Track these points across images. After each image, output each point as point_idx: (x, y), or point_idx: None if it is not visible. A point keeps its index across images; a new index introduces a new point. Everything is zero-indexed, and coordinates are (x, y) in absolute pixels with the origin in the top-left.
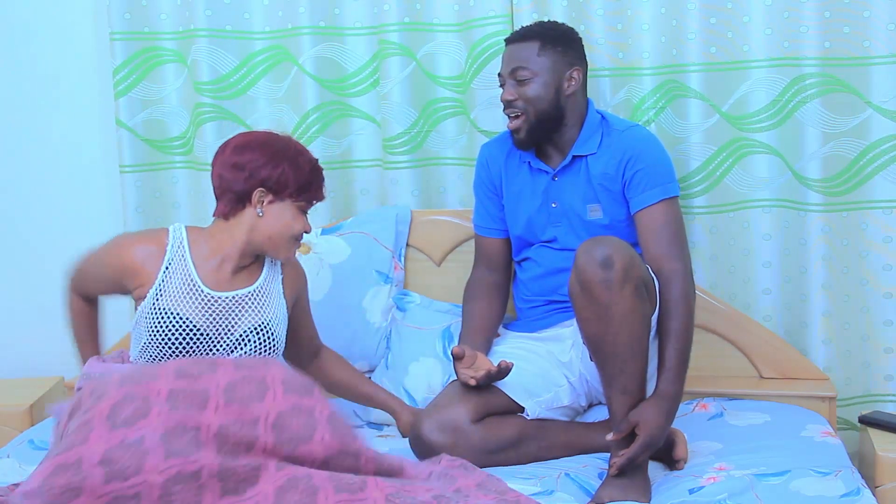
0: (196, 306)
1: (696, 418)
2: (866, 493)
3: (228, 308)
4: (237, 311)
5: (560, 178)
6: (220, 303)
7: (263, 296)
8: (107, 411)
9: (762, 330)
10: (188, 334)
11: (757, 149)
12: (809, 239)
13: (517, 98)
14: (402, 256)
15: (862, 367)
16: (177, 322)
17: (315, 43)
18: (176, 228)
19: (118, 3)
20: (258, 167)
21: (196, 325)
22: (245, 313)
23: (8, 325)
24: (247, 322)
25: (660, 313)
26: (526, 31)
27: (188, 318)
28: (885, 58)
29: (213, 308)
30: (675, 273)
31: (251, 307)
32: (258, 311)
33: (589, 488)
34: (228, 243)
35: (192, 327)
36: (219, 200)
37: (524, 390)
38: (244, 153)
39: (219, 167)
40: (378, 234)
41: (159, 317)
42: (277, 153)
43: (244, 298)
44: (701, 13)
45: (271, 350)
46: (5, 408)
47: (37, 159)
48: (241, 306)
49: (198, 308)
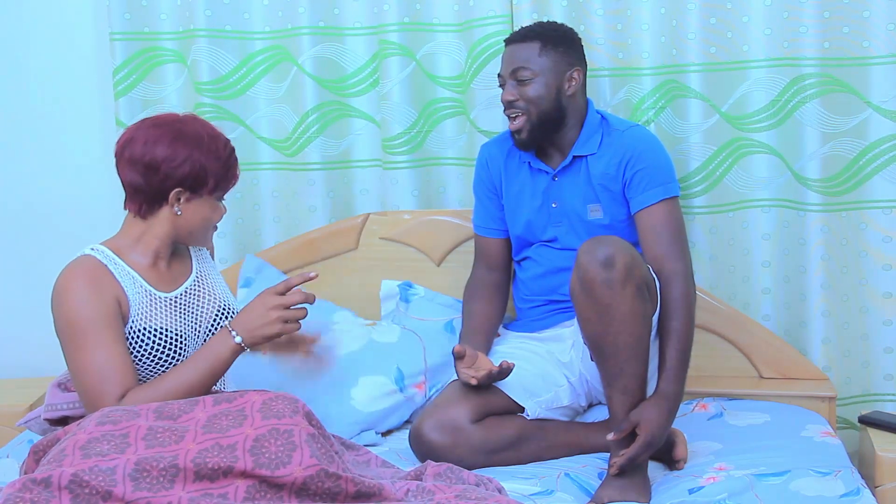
0: (162, 314)
1: (696, 418)
2: (866, 493)
3: (186, 304)
4: (195, 303)
5: (560, 178)
6: (178, 301)
7: (206, 278)
8: (83, 442)
9: (762, 330)
10: (168, 343)
11: (756, 149)
12: (809, 239)
13: (518, 98)
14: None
15: (861, 366)
16: (156, 335)
17: (315, 43)
18: (95, 250)
19: (118, 4)
20: (174, 167)
21: (171, 330)
22: (202, 303)
23: (8, 325)
24: (208, 311)
25: (660, 313)
26: (526, 31)
27: (163, 327)
28: (885, 58)
29: (174, 309)
30: (676, 273)
31: (204, 295)
32: (211, 295)
33: (589, 488)
34: (155, 242)
35: (169, 335)
36: (130, 198)
37: (524, 390)
38: (156, 149)
39: (128, 166)
40: (428, 344)
41: (141, 337)
42: (192, 146)
43: (194, 289)
44: (701, 13)
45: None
46: (5, 408)
47: (37, 159)
48: (196, 297)
49: (164, 314)
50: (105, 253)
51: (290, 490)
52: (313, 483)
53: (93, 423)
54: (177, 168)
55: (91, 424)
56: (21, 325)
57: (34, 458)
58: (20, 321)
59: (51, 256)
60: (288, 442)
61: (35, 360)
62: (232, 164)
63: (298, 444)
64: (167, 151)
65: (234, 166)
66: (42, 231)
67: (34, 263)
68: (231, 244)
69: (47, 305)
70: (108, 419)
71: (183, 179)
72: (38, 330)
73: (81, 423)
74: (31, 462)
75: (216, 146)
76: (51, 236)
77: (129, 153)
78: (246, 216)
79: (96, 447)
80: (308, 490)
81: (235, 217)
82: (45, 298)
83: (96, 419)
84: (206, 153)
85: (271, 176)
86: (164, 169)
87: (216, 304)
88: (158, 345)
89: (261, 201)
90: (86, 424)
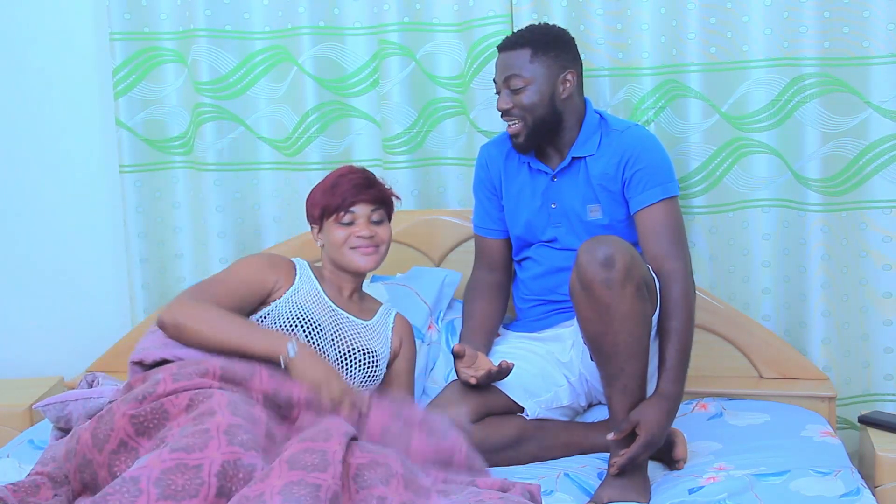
0: (320, 311)
1: (696, 418)
2: (866, 492)
3: (344, 323)
4: (350, 329)
5: (559, 178)
6: (339, 315)
7: (374, 332)
8: (224, 426)
9: (762, 330)
10: (311, 329)
11: (756, 149)
12: (809, 239)
13: (513, 106)
14: (440, 319)
15: (862, 366)
16: (303, 318)
17: (315, 43)
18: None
19: (118, 4)
20: (306, 206)
21: (319, 323)
22: (356, 335)
23: (8, 325)
24: (356, 342)
25: (660, 313)
26: (517, 38)
27: (313, 317)
28: (885, 58)
29: (332, 316)
30: (676, 273)
31: (362, 335)
32: (367, 339)
33: (588, 488)
34: (328, 269)
35: (315, 324)
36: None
37: (524, 390)
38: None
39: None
40: (421, 290)
41: (290, 311)
42: (316, 185)
43: (358, 326)
44: (701, 13)
45: (372, 376)
46: (5, 408)
47: (36, 159)
48: (355, 329)
49: (322, 312)
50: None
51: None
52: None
53: (222, 405)
54: (306, 209)
55: (222, 407)
56: (21, 325)
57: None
58: (20, 321)
59: (50, 256)
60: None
61: (35, 360)
62: (337, 189)
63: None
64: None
65: (340, 189)
66: (42, 231)
67: (34, 263)
68: (231, 244)
69: (47, 305)
70: (239, 412)
71: (308, 217)
72: (39, 330)
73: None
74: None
75: (326, 181)
76: (51, 236)
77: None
78: (246, 216)
79: (238, 435)
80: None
81: (235, 217)
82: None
83: (224, 404)
84: (317, 189)
85: (271, 176)
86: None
87: (366, 345)
88: (297, 322)
89: (261, 201)
90: (214, 406)
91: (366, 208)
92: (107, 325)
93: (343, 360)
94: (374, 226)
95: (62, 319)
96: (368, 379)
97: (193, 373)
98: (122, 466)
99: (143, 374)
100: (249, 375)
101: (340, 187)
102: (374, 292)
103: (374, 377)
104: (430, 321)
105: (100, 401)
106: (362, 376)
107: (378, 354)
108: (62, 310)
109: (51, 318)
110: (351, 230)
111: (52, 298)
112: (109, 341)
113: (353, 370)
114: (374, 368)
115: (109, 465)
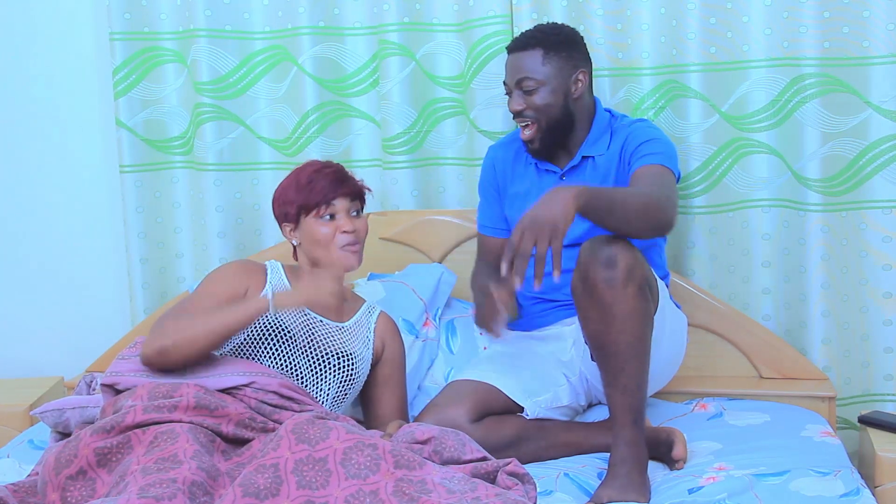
0: (290, 315)
1: (696, 418)
2: (866, 493)
3: (317, 326)
4: (324, 333)
5: (568, 177)
6: (312, 318)
7: (351, 333)
8: (189, 481)
9: (762, 330)
10: (280, 337)
11: (756, 149)
12: (809, 239)
13: (526, 108)
14: (438, 317)
15: (861, 366)
16: (272, 325)
17: (315, 43)
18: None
19: (118, 4)
20: (275, 205)
21: (289, 329)
22: (330, 339)
23: (8, 325)
24: (331, 346)
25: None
26: (527, 38)
27: (282, 323)
28: (885, 58)
29: (304, 320)
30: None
31: (337, 338)
32: (344, 342)
33: (588, 488)
34: (306, 269)
35: (284, 331)
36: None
37: (523, 390)
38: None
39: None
40: (416, 286)
41: (259, 318)
42: (284, 184)
43: (332, 329)
44: (701, 13)
45: (349, 380)
46: (5, 408)
47: (37, 159)
48: (329, 332)
49: (292, 317)
50: (276, 266)
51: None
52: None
53: (193, 463)
54: (275, 206)
55: (193, 465)
56: (21, 325)
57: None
58: (20, 321)
59: (50, 256)
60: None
61: (35, 360)
62: (315, 184)
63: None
64: (276, 194)
65: (318, 184)
66: (42, 231)
67: (34, 263)
68: (231, 244)
69: (47, 305)
70: (203, 465)
71: (278, 216)
72: (39, 330)
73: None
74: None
75: (300, 176)
76: (51, 236)
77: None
78: (246, 216)
79: (198, 497)
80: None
81: (235, 217)
82: (46, 298)
83: (193, 458)
84: (290, 186)
85: (271, 176)
86: (274, 209)
87: (343, 348)
88: (266, 329)
89: (261, 201)
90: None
91: (345, 202)
92: (107, 325)
93: (317, 367)
94: (354, 219)
95: (62, 319)
96: (346, 384)
97: (164, 406)
98: (76, 494)
99: (114, 399)
100: (222, 405)
101: (317, 183)
102: (372, 290)
103: (352, 382)
104: (427, 317)
105: (97, 410)
106: (339, 381)
107: (356, 357)
108: (62, 310)
109: (51, 318)
110: (335, 225)
111: (53, 298)
112: (109, 341)
113: (329, 376)
114: (352, 372)
115: (63, 488)
